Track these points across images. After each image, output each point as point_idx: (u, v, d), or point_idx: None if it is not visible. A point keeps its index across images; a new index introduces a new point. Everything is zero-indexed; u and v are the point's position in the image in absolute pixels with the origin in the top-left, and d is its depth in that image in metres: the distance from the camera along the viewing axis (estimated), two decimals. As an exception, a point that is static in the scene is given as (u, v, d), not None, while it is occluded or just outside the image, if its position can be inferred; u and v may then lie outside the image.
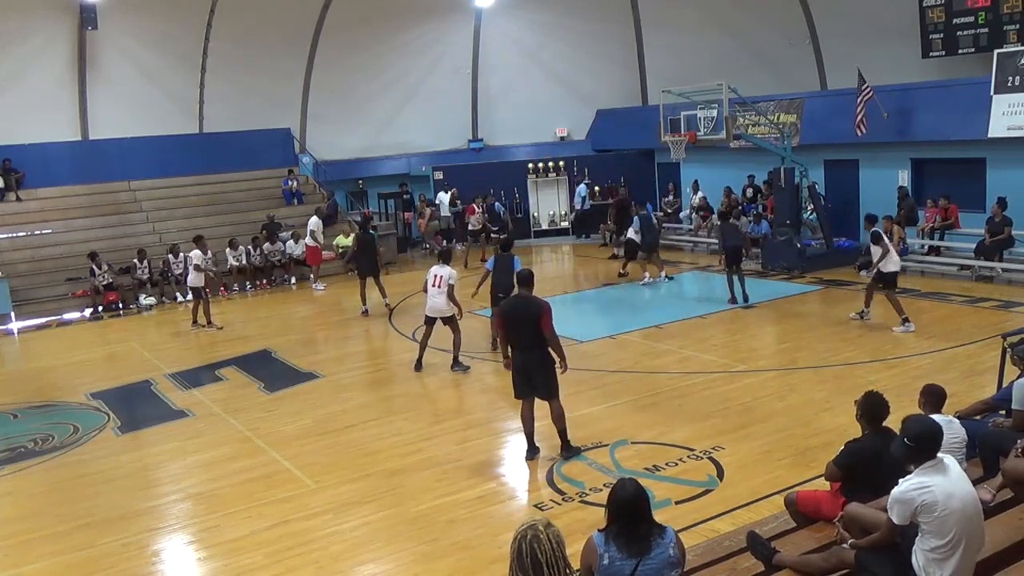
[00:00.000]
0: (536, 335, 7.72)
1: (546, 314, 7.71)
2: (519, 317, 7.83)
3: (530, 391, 7.97)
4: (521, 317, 7.81)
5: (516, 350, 7.91)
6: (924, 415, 4.75)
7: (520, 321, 7.81)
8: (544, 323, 7.68)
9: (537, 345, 7.78)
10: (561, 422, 8.03)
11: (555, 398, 7.97)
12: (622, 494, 3.93)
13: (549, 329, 7.73)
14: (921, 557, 4.24)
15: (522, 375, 7.90)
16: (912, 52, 19.34)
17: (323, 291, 18.39)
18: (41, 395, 11.83)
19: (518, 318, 7.84)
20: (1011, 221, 14.86)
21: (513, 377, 8.00)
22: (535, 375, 7.85)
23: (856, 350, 11.15)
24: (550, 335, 7.76)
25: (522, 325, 7.79)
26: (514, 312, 7.93)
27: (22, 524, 7.52)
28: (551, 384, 7.92)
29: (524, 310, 7.82)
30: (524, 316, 7.77)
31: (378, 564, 6.41)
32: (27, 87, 20.06)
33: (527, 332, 7.77)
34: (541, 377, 7.87)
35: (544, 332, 7.71)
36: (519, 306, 7.92)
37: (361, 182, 23.94)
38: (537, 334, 7.71)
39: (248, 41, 21.63)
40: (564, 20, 24.16)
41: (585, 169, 23.92)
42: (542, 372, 7.85)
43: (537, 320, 7.67)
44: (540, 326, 7.67)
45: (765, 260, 17.51)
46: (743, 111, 18.64)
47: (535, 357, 7.82)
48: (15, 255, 18.55)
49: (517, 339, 7.89)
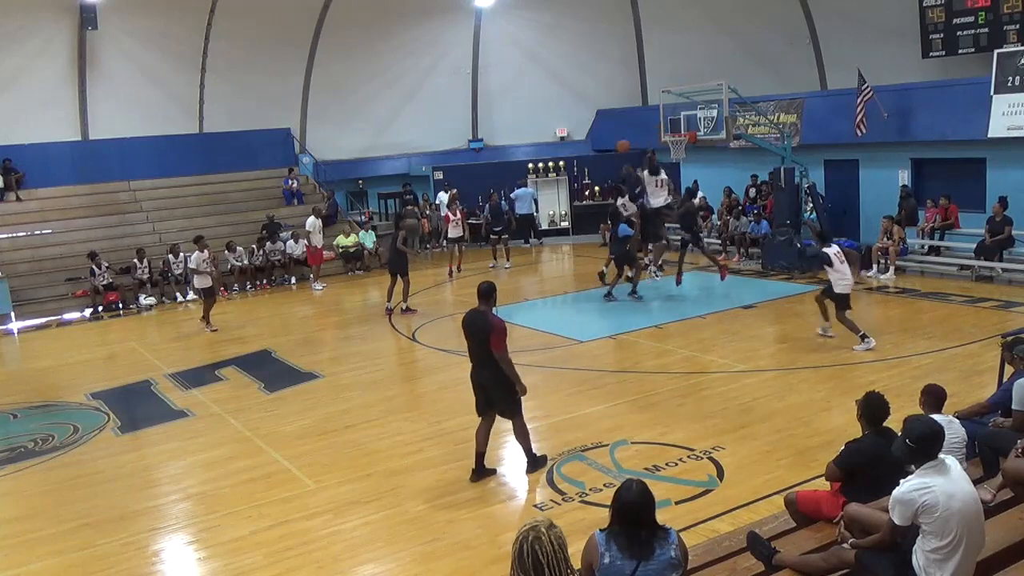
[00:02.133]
0: (487, 352, 7.33)
1: (496, 334, 7.27)
2: (473, 332, 7.48)
3: (489, 408, 7.62)
4: (474, 332, 7.45)
5: (473, 365, 7.58)
6: (925, 415, 4.76)
7: (474, 336, 7.47)
8: (494, 343, 7.27)
9: (489, 361, 7.37)
10: (525, 440, 7.70)
11: (516, 416, 7.60)
12: (627, 496, 3.93)
13: (500, 350, 7.29)
14: (922, 557, 4.24)
15: (479, 391, 7.58)
16: (912, 52, 19.34)
17: (323, 291, 18.37)
18: (41, 395, 11.82)
19: (472, 332, 7.49)
20: (1012, 221, 14.86)
21: (473, 392, 7.68)
22: (492, 392, 7.50)
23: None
24: (500, 356, 7.30)
25: (475, 340, 7.45)
26: (470, 326, 7.53)
27: (22, 524, 7.52)
28: (510, 401, 7.52)
29: (477, 325, 7.42)
30: (476, 332, 7.42)
31: (378, 564, 6.41)
32: (27, 87, 20.07)
33: (480, 348, 7.41)
34: (498, 394, 7.49)
35: (493, 352, 7.29)
36: (475, 319, 7.49)
37: (361, 182, 23.95)
38: (488, 351, 7.32)
39: (248, 41, 21.63)
40: (564, 20, 24.16)
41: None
42: (499, 389, 7.46)
43: (486, 338, 7.30)
44: (490, 346, 7.29)
45: (765, 260, 17.51)
46: (743, 111, 18.64)
47: (488, 374, 7.43)
48: (15, 255, 18.56)
49: (473, 353, 7.55)
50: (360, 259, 20.39)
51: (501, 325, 7.34)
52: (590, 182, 23.90)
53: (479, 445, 7.62)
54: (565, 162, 24.13)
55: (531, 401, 9.98)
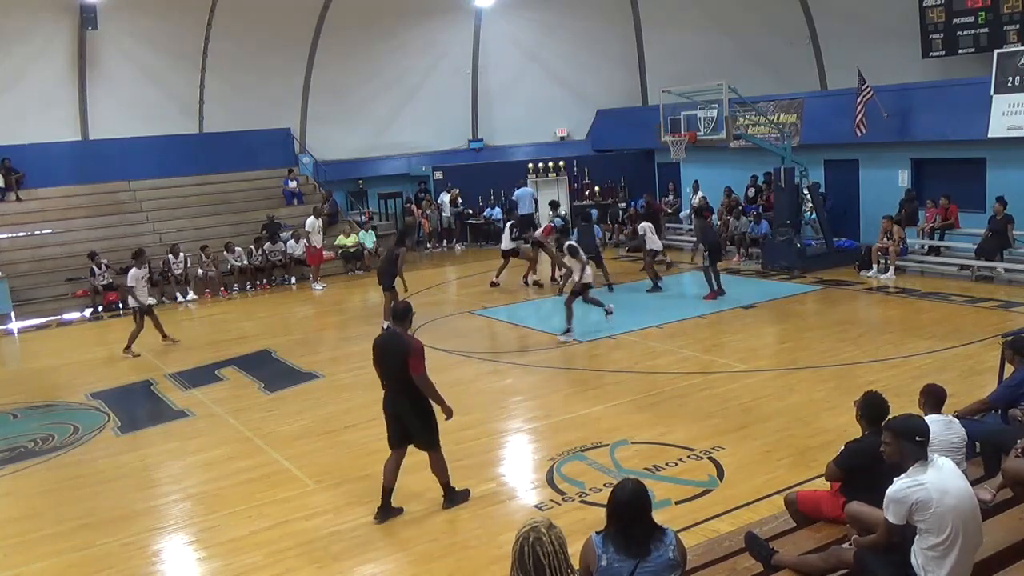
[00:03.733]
0: (405, 377, 6.76)
1: (414, 355, 6.73)
2: (387, 355, 6.89)
3: (404, 440, 7.02)
4: (389, 355, 6.87)
5: (387, 393, 6.98)
6: (908, 414, 4.76)
7: (389, 360, 6.86)
8: (412, 365, 6.71)
9: (407, 388, 6.81)
10: (443, 475, 7.13)
11: (434, 448, 7.05)
12: (620, 494, 3.92)
13: (419, 372, 6.74)
14: (920, 556, 4.25)
15: (394, 422, 6.98)
16: (912, 52, 19.36)
17: (323, 291, 18.37)
18: (41, 395, 11.82)
19: (386, 356, 6.90)
20: (1012, 219, 14.87)
21: (386, 423, 7.07)
22: (410, 422, 6.91)
23: (856, 350, 11.15)
24: (420, 378, 6.76)
25: (391, 364, 6.85)
26: (383, 349, 6.97)
27: (22, 524, 7.52)
28: (427, 432, 6.97)
29: (392, 348, 6.87)
30: (392, 355, 6.84)
31: (378, 564, 6.41)
32: (27, 87, 20.06)
33: (395, 373, 6.83)
34: (417, 424, 6.91)
35: (412, 375, 6.73)
36: (388, 342, 6.98)
37: (361, 182, 23.95)
38: (407, 376, 6.75)
39: (248, 41, 21.62)
40: (564, 20, 24.16)
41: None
42: (417, 418, 6.90)
43: (404, 361, 6.73)
44: (408, 369, 6.73)
45: (765, 260, 17.52)
46: (743, 111, 18.64)
47: (406, 402, 6.86)
48: (15, 255, 18.56)
49: (387, 380, 6.96)
50: (360, 259, 20.39)
51: (419, 345, 6.86)
52: (590, 182, 23.98)
53: (387, 480, 7.01)
54: (565, 162, 24.16)
55: (531, 401, 10.06)
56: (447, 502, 7.16)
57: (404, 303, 7.29)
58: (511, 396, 10.39)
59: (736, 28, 22.90)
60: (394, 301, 8.73)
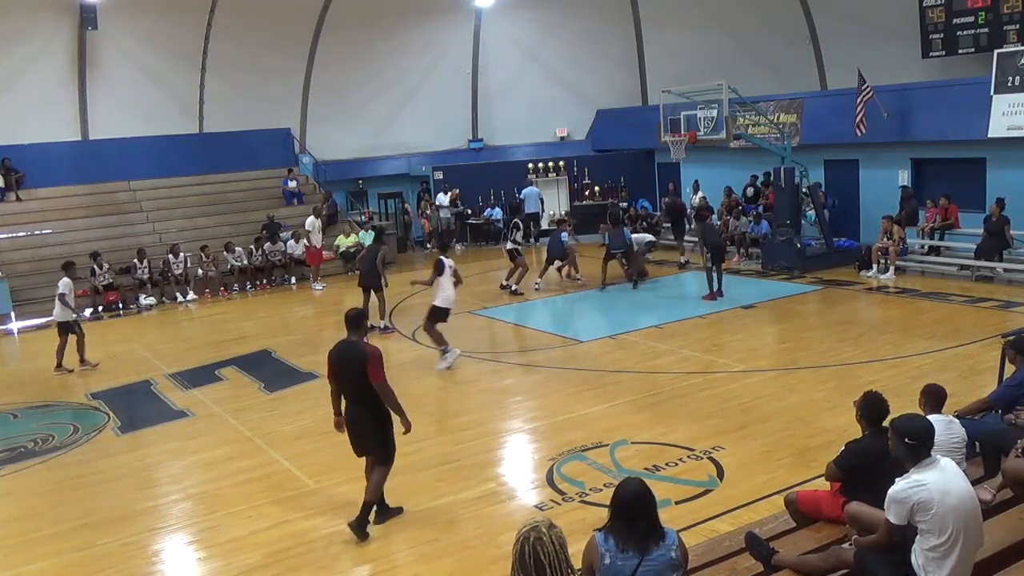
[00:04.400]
0: (365, 387, 6.62)
1: (372, 362, 6.59)
2: (345, 365, 6.70)
3: (365, 450, 6.90)
4: (347, 365, 6.68)
5: (347, 404, 6.82)
6: (912, 414, 4.77)
7: (347, 369, 6.69)
8: (371, 373, 6.57)
9: (366, 398, 6.67)
10: (375, 494, 6.80)
11: (385, 465, 6.82)
12: (623, 492, 3.93)
13: (378, 379, 6.61)
14: (920, 556, 4.25)
15: (354, 431, 6.81)
16: (912, 52, 19.35)
17: (322, 291, 18.37)
18: (41, 395, 11.82)
19: (344, 366, 6.71)
20: (1008, 220, 14.86)
21: (348, 433, 6.89)
22: (367, 432, 6.76)
23: (856, 350, 11.15)
24: (380, 386, 6.63)
25: (350, 374, 6.67)
26: (340, 359, 6.75)
27: (22, 524, 7.52)
28: (382, 446, 6.79)
29: (349, 356, 6.69)
30: (349, 364, 6.66)
31: (378, 564, 6.41)
32: (27, 87, 20.06)
33: (354, 383, 6.68)
34: (373, 435, 6.76)
35: (372, 382, 6.60)
36: (345, 351, 6.75)
37: (361, 182, 23.95)
38: (366, 385, 6.61)
39: (248, 41, 21.62)
40: (564, 20, 24.15)
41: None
42: (374, 430, 6.74)
43: (363, 369, 6.57)
44: (367, 376, 6.60)
45: (765, 260, 17.52)
46: (743, 111, 18.64)
47: (366, 413, 6.71)
48: (15, 255, 18.56)
49: (346, 391, 6.80)
50: (360, 259, 20.38)
51: (376, 352, 6.73)
52: (590, 182, 23.97)
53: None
54: (565, 162, 24.15)
55: (531, 401, 10.06)
56: (354, 522, 6.68)
57: (357, 310, 7.08)
58: (511, 396, 10.39)
59: (736, 28, 22.89)
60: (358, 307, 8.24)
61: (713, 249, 14.69)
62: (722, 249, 15.01)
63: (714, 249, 14.70)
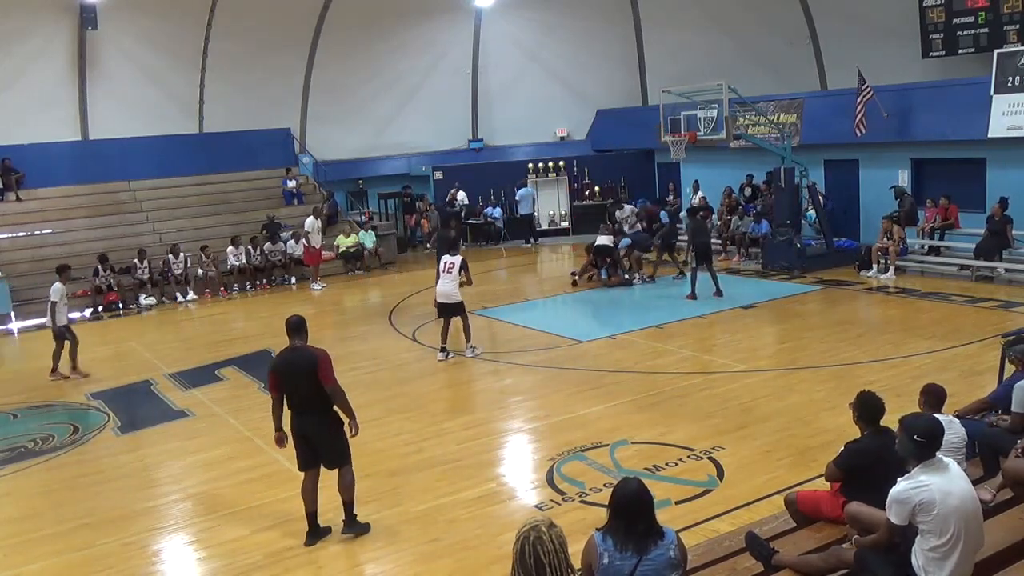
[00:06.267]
0: (315, 392, 6.49)
1: (323, 365, 6.48)
2: (294, 372, 6.54)
3: (315, 461, 6.69)
4: (297, 371, 6.53)
5: (293, 414, 6.65)
6: (920, 412, 4.77)
7: (296, 376, 6.53)
8: (323, 375, 6.46)
9: (316, 405, 6.53)
10: (348, 493, 6.77)
11: (345, 464, 6.73)
12: (622, 491, 3.94)
13: (331, 381, 6.49)
14: (921, 557, 4.25)
15: (302, 442, 6.63)
16: (912, 52, 19.35)
17: (322, 291, 18.36)
18: (41, 395, 11.81)
19: (292, 374, 6.55)
20: (1011, 220, 14.86)
21: (295, 447, 6.71)
22: (317, 441, 6.61)
23: (856, 350, 11.15)
24: (333, 389, 6.51)
25: (299, 380, 6.51)
26: (289, 366, 6.58)
27: (22, 524, 7.52)
28: (338, 449, 6.67)
29: (298, 363, 6.53)
30: (299, 370, 6.51)
31: (378, 564, 6.41)
32: (27, 87, 20.06)
33: (304, 390, 6.51)
34: (325, 442, 6.62)
35: (325, 385, 6.48)
36: (293, 359, 6.58)
37: (361, 182, 23.95)
38: (316, 391, 6.48)
39: (248, 41, 21.62)
40: (564, 20, 24.16)
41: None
42: (326, 436, 6.61)
43: (313, 373, 6.46)
44: (319, 380, 6.47)
45: (765, 260, 17.52)
46: (743, 111, 18.64)
47: (316, 421, 6.58)
48: (15, 255, 18.55)
49: (293, 400, 6.61)
50: (360, 259, 20.39)
51: (326, 354, 6.59)
52: (590, 182, 23.98)
53: (308, 504, 6.72)
54: (565, 162, 24.15)
55: (531, 401, 10.06)
56: (347, 527, 6.76)
57: (298, 316, 6.81)
58: (511, 396, 10.39)
59: (736, 28, 22.89)
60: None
61: (698, 248, 14.77)
62: (707, 249, 15.02)
63: (698, 248, 14.77)
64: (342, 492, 6.79)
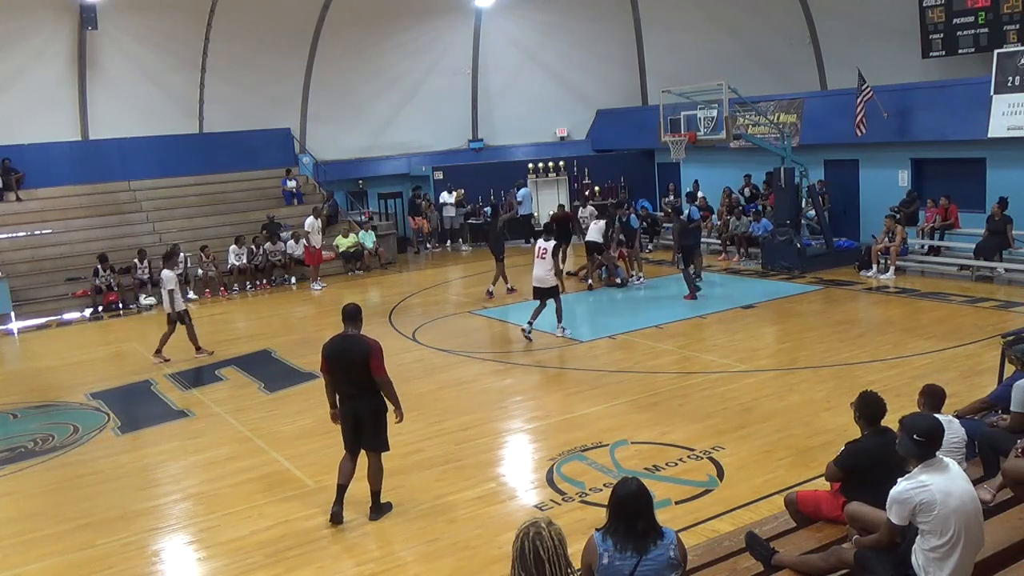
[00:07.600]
0: (366, 380, 6.75)
1: (375, 355, 6.73)
2: (348, 359, 6.80)
3: (357, 445, 6.98)
4: (350, 359, 6.79)
5: (344, 398, 6.91)
6: (921, 412, 4.77)
7: (350, 363, 6.79)
8: (374, 366, 6.72)
9: (368, 391, 6.80)
10: (377, 482, 7.05)
11: (381, 451, 7.02)
12: (622, 491, 3.94)
13: (381, 373, 6.76)
14: (921, 557, 4.25)
15: (350, 425, 6.91)
16: (912, 52, 19.35)
17: (322, 291, 18.35)
18: (41, 395, 11.82)
19: (347, 360, 6.81)
20: (1011, 220, 14.87)
21: (341, 428, 7.02)
22: (365, 423, 6.87)
23: (856, 350, 11.15)
24: (382, 380, 6.78)
25: (352, 368, 6.78)
26: (341, 354, 6.85)
27: (22, 524, 7.52)
28: (380, 436, 6.95)
29: (351, 351, 6.80)
30: (351, 358, 6.78)
31: (378, 564, 6.41)
32: (27, 87, 20.06)
33: (354, 376, 6.78)
34: (371, 426, 6.88)
35: (375, 376, 6.75)
36: (346, 347, 6.85)
37: (361, 182, 23.95)
38: (366, 378, 6.75)
39: (248, 41, 21.61)
40: (564, 20, 24.17)
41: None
42: (373, 421, 6.87)
43: (366, 362, 6.71)
44: (370, 369, 6.72)
45: (765, 260, 17.52)
46: (743, 111, 18.65)
47: (365, 405, 6.83)
48: (15, 255, 18.55)
49: (345, 385, 6.88)
50: (360, 259, 20.39)
51: (378, 345, 6.83)
52: (590, 182, 23.96)
53: (342, 478, 7.00)
54: (565, 162, 24.16)
55: (531, 401, 10.06)
56: (374, 512, 7.05)
57: (354, 304, 7.19)
58: (511, 396, 10.39)
59: (736, 28, 22.91)
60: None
61: (683, 249, 14.92)
62: (691, 250, 15.09)
63: (683, 250, 14.92)
64: (371, 480, 7.05)
